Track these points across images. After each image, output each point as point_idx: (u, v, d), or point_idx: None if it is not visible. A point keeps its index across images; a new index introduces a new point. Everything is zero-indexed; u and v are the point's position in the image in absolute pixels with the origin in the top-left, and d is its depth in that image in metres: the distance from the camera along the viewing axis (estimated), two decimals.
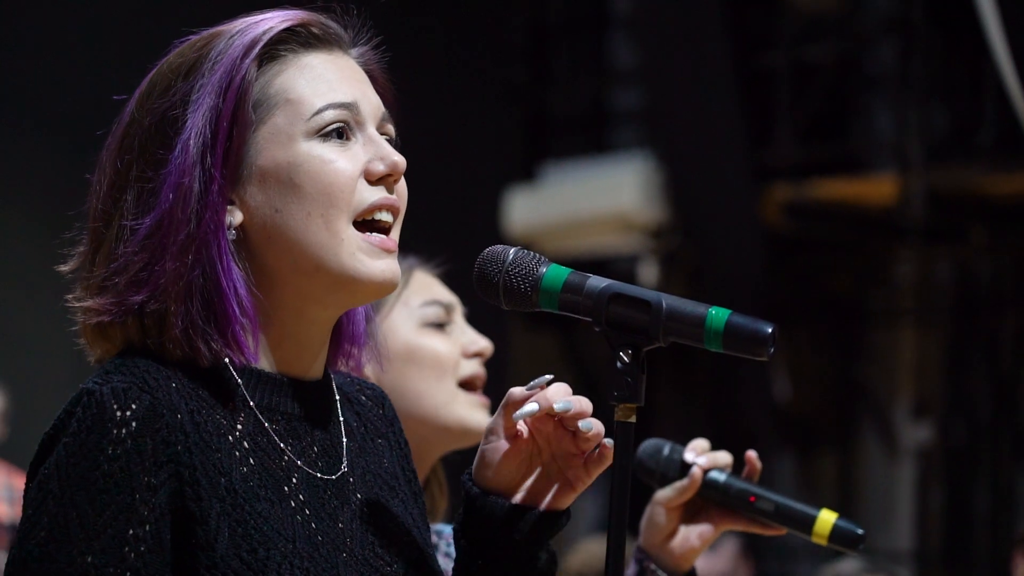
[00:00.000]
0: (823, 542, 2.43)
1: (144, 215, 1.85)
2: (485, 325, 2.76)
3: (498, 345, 2.83)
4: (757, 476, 2.49)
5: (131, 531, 1.75)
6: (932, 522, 10.32)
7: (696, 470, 2.46)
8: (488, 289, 1.93)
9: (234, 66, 1.88)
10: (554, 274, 1.91)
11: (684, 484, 2.46)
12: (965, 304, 10.40)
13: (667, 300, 1.87)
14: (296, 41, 1.92)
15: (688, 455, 2.48)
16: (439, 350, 2.66)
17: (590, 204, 10.37)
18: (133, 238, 1.85)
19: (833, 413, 10.97)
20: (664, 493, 2.47)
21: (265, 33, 1.90)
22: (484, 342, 2.71)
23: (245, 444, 1.84)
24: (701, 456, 2.48)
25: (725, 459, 2.49)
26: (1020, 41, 7.45)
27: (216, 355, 1.85)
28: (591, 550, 5.89)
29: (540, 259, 1.93)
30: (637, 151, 10.68)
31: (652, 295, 1.87)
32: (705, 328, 1.85)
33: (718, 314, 1.85)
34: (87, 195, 1.93)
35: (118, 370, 1.81)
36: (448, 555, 2.64)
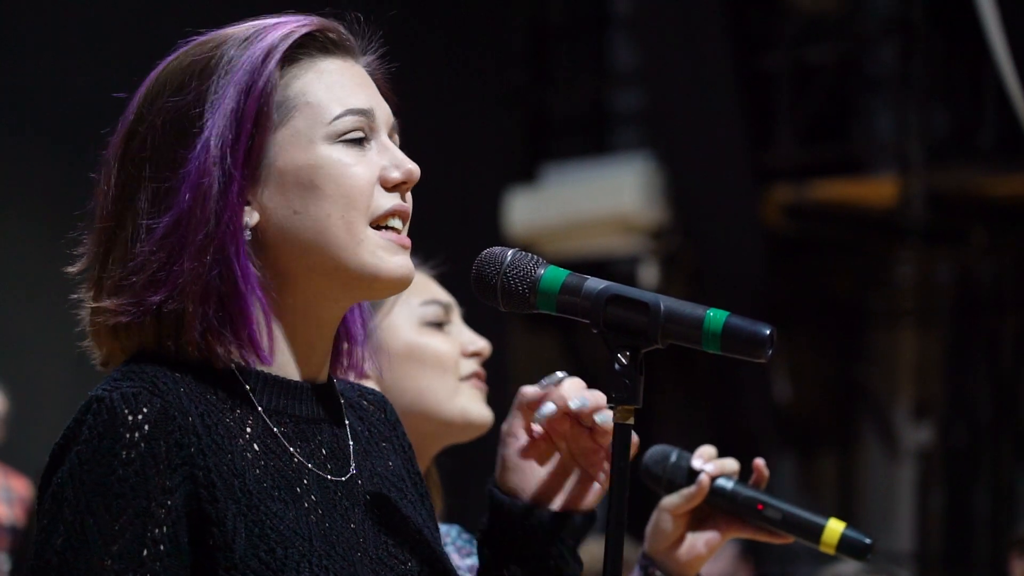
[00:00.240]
0: (831, 551, 2.42)
1: (162, 214, 1.84)
2: (485, 326, 2.76)
3: (498, 346, 2.84)
4: (764, 484, 2.48)
5: (149, 534, 1.74)
6: (932, 523, 10.32)
7: (704, 477, 2.44)
8: (486, 291, 1.93)
9: (256, 67, 1.88)
10: (552, 276, 1.91)
11: (692, 491, 2.44)
12: (965, 305, 10.40)
13: (665, 302, 1.87)
14: (314, 46, 1.93)
15: (696, 462, 2.46)
16: (440, 349, 2.67)
17: (590, 205, 10.37)
18: (150, 237, 1.84)
19: (833, 414, 10.97)
20: (671, 500, 2.45)
21: (287, 36, 1.91)
22: (482, 342, 2.72)
23: (255, 446, 1.84)
24: (709, 463, 2.46)
25: (732, 466, 2.47)
26: (1020, 42, 7.44)
27: (230, 357, 1.85)
28: (591, 552, 5.88)
29: (538, 261, 1.93)
30: (637, 152, 10.68)
31: (650, 297, 1.87)
32: (703, 330, 1.85)
33: (716, 316, 1.85)
34: (93, 194, 1.92)
35: (126, 376, 1.81)
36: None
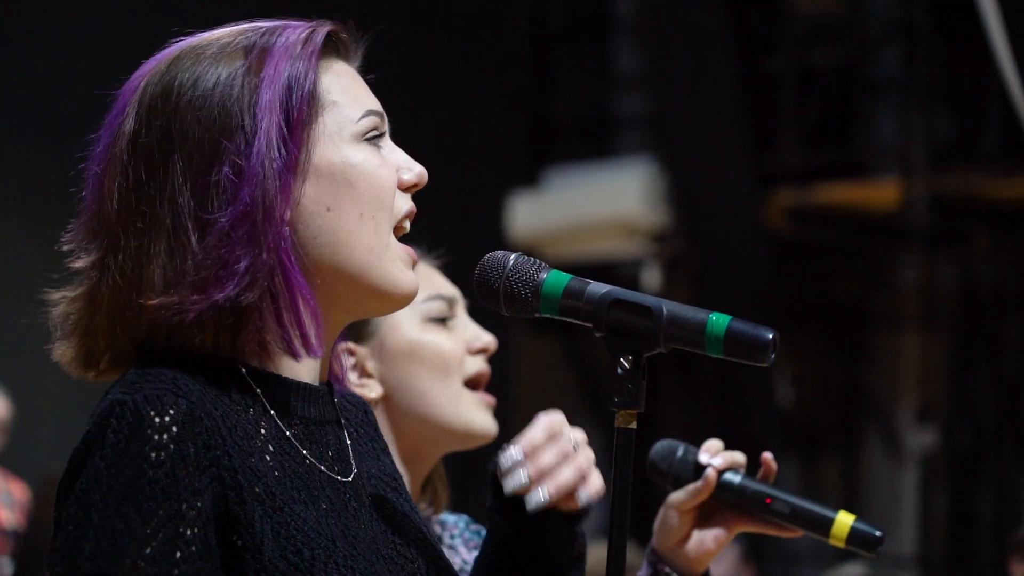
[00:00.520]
0: (840, 544, 2.41)
1: (217, 209, 1.82)
2: (487, 330, 2.74)
3: (500, 350, 2.80)
4: (772, 477, 2.47)
5: (181, 536, 1.72)
6: (936, 526, 10.31)
7: (710, 471, 2.42)
8: (489, 295, 1.94)
9: (297, 61, 1.88)
10: (555, 280, 1.91)
11: (698, 486, 2.42)
12: (969, 308, 10.40)
13: (668, 306, 1.87)
14: (329, 47, 1.93)
15: (703, 456, 2.44)
16: (443, 348, 2.61)
17: (593, 209, 10.37)
18: (210, 232, 1.81)
19: (837, 417, 10.96)
20: (677, 496, 2.44)
21: (315, 34, 1.91)
22: (488, 337, 2.66)
23: (271, 448, 1.83)
24: (716, 457, 2.45)
25: (740, 459, 2.46)
26: (1023, 45, 7.45)
27: (268, 355, 1.85)
28: (594, 554, 5.88)
29: (541, 265, 1.93)
30: (640, 156, 10.68)
31: (653, 301, 1.87)
32: (706, 334, 1.85)
33: (719, 320, 1.85)
34: (92, 187, 1.89)
35: (143, 379, 1.79)
36: (452, 547, 2.63)
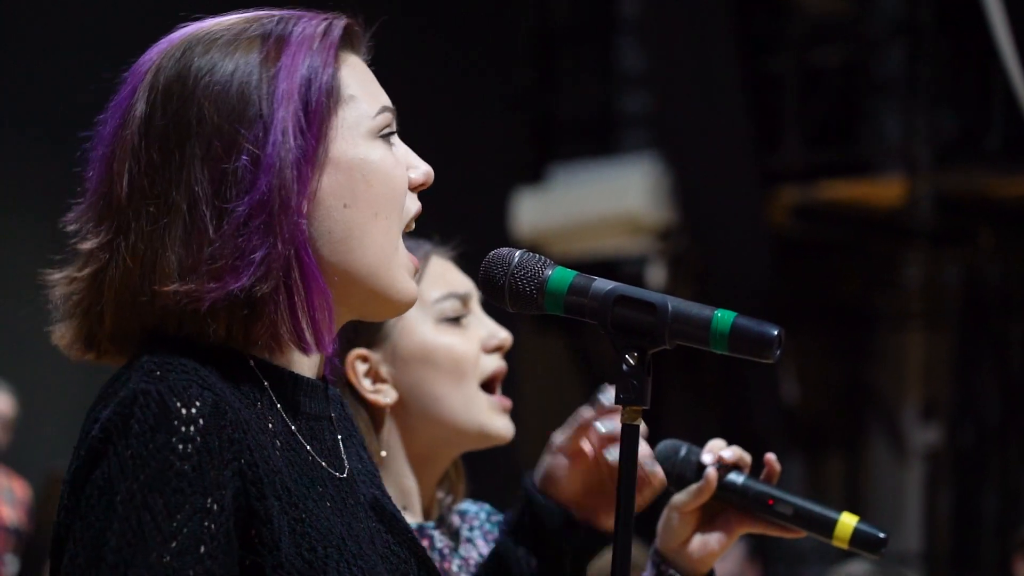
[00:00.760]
0: (844, 546, 2.39)
1: (233, 198, 1.79)
2: None
3: None
4: (776, 478, 2.46)
5: (207, 530, 1.70)
6: (940, 524, 10.32)
7: (710, 471, 2.40)
8: (494, 292, 1.93)
9: (317, 54, 1.85)
10: (560, 277, 1.91)
11: (700, 487, 2.40)
12: (973, 306, 10.40)
13: (672, 302, 1.86)
14: (344, 40, 1.90)
15: (705, 456, 2.42)
16: (457, 350, 2.57)
17: (598, 206, 10.37)
18: (228, 221, 1.79)
19: (841, 416, 10.96)
20: (680, 497, 2.42)
21: (333, 27, 1.88)
22: (504, 333, 2.61)
23: (278, 443, 1.82)
24: (726, 450, 2.41)
25: (745, 458, 2.44)
26: None
27: (278, 347, 1.83)
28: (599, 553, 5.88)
29: (546, 262, 1.93)
30: (644, 154, 10.69)
31: (657, 297, 1.87)
32: (711, 330, 1.84)
33: (724, 316, 1.84)
34: (99, 168, 1.86)
35: (162, 368, 1.76)
36: (469, 539, 2.62)
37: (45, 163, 8.35)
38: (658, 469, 2.12)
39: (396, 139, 1.92)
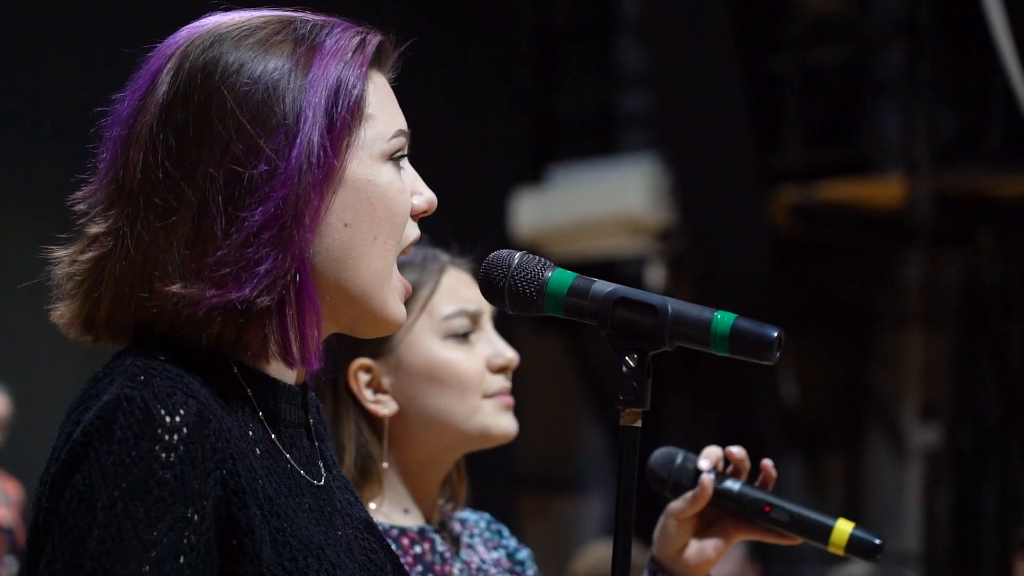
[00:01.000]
0: (840, 552, 2.40)
1: (248, 207, 1.77)
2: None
3: None
4: (772, 484, 2.46)
5: (186, 540, 1.69)
6: (940, 524, 10.32)
7: (705, 477, 2.40)
8: (493, 293, 1.93)
9: (348, 69, 1.82)
10: (559, 278, 1.91)
11: (696, 493, 2.40)
12: (973, 306, 10.40)
13: (672, 304, 1.86)
14: (375, 57, 1.88)
15: (702, 463, 2.43)
16: (461, 367, 2.56)
17: (597, 207, 10.38)
18: (239, 229, 1.76)
19: (841, 416, 10.97)
20: (676, 504, 2.42)
21: (367, 43, 1.86)
22: (510, 353, 2.60)
23: (257, 451, 1.80)
24: (734, 448, 2.43)
25: (743, 462, 2.44)
26: None
27: (266, 359, 1.82)
28: (599, 552, 5.89)
29: (545, 264, 1.92)
30: (644, 154, 10.69)
31: (658, 299, 1.87)
32: (711, 332, 1.85)
33: (724, 318, 1.85)
34: (112, 152, 1.83)
35: (147, 373, 1.74)
36: (470, 545, 2.61)
37: (45, 163, 8.37)
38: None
39: (406, 163, 1.89)
